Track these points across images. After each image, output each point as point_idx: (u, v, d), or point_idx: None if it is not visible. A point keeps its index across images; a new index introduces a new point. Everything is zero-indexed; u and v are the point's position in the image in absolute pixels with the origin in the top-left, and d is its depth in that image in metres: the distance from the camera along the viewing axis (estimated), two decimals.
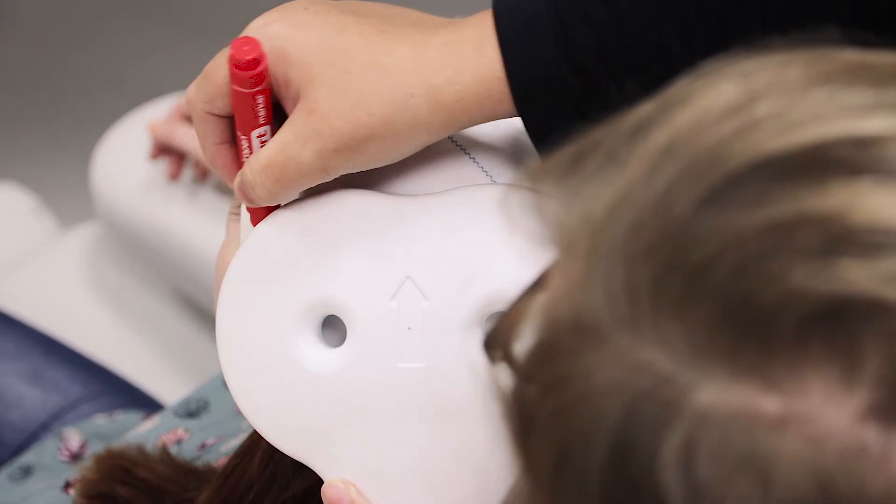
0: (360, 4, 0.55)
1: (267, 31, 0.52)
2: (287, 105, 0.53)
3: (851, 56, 0.36)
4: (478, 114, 0.52)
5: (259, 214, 0.57)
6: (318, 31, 0.52)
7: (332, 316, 0.56)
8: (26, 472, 0.89)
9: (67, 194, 1.61)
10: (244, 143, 0.54)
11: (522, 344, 0.38)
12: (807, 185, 0.33)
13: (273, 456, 0.61)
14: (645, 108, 0.37)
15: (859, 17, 0.49)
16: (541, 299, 0.38)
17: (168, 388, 1.07)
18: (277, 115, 0.54)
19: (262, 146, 0.53)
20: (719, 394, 0.32)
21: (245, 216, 0.59)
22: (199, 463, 0.73)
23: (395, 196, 0.56)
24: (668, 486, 0.33)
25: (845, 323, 0.31)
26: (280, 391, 0.56)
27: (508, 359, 0.39)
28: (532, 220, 0.38)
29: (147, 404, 1.01)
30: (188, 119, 1.03)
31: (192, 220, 1.05)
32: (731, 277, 0.32)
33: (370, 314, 0.54)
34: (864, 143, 0.33)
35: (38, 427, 0.96)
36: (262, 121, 0.53)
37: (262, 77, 0.51)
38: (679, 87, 0.37)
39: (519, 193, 0.38)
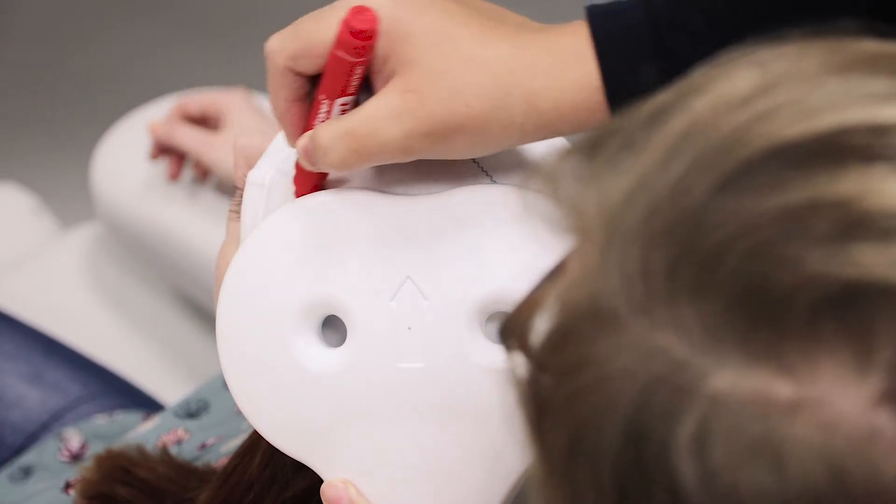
0: None
1: (374, 3, 0.52)
2: (377, 80, 0.53)
3: (870, 46, 0.36)
4: (572, 122, 0.52)
5: (307, 184, 0.56)
6: (427, 14, 0.52)
7: (333, 316, 0.56)
8: (26, 472, 0.89)
9: (67, 194, 1.61)
10: (324, 108, 0.53)
11: (538, 331, 0.38)
12: (823, 172, 0.33)
13: (273, 456, 0.61)
14: (662, 97, 0.37)
15: (880, 8, 0.49)
16: (557, 286, 0.38)
17: (168, 388, 1.07)
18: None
19: (342, 114, 0.53)
20: (733, 379, 0.32)
21: (245, 216, 0.59)
22: (199, 463, 0.73)
23: (395, 196, 0.56)
24: (680, 472, 0.33)
25: (859, 308, 0.31)
26: (280, 391, 0.56)
27: (524, 346, 0.39)
28: (549, 206, 0.38)
29: (147, 404, 1.01)
30: (188, 119, 1.03)
31: (192, 220, 1.05)
32: (746, 262, 0.33)
33: (370, 314, 0.54)
34: (881, 131, 0.33)
35: (38, 427, 0.96)
36: (351, 90, 0.52)
37: (369, 49, 0.51)
38: (696, 75, 0.37)
39: (537, 181, 0.38)
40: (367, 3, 0.51)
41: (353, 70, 0.51)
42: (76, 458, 0.90)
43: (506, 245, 0.54)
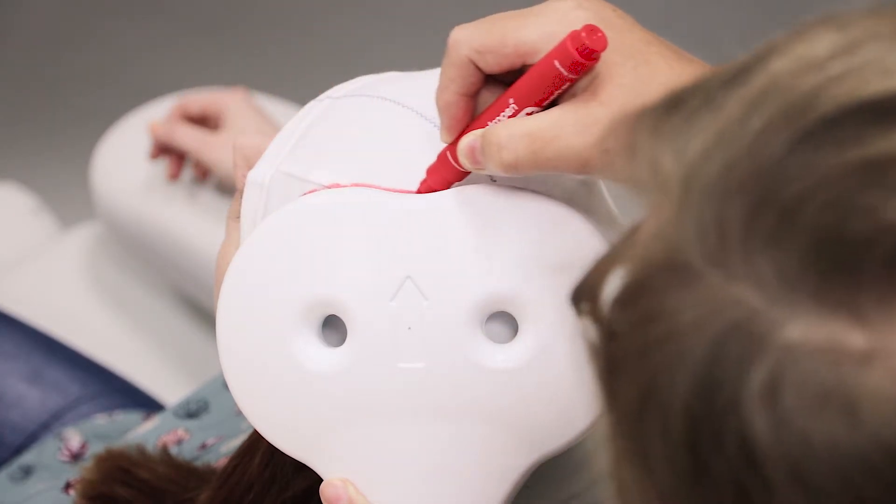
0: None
1: (575, 16, 0.52)
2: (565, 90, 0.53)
3: None
4: None
5: (443, 180, 0.55)
6: (628, 36, 0.52)
7: (333, 316, 0.56)
8: (26, 472, 0.89)
9: (67, 194, 1.61)
10: (508, 111, 0.52)
11: (610, 292, 0.39)
12: None
13: (273, 456, 0.61)
14: (743, 58, 0.38)
15: None
16: (630, 245, 0.39)
17: (168, 388, 1.07)
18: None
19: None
20: (806, 329, 0.33)
21: (245, 216, 0.59)
22: (199, 463, 0.73)
23: (395, 195, 0.56)
24: (752, 421, 0.33)
25: None
26: (280, 391, 0.56)
27: (595, 307, 0.39)
28: (627, 163, 0.38)
29: (147, 404, 1.01)
30: (188, 119, 1.03)
31: (192, 220, 1.05)
32: (823, 212, 0.33)
33: (370, 314, 0.54)
34: None
35: (38, 427, 0.96)
36: (545, 102, 0.52)
37: (588, 70, 0.51)
38: (777, 38, 0.38)
39: (615, 138, 0.39)
40: (565, 14, 0.51)
41: (562, 84, 0.51)
42: (76, 457, 0.90)
43: (506, 244, 0.54)
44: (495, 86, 0.54)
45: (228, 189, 1.03)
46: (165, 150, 1.04)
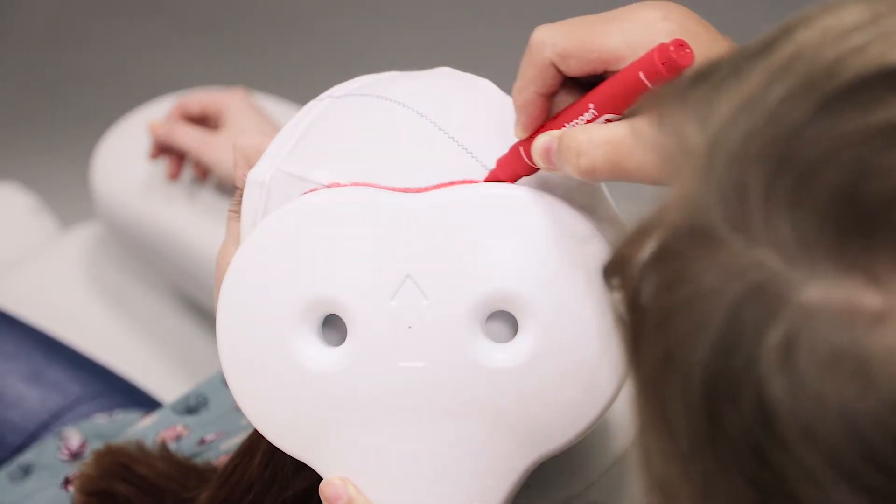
0: None
1: (661, 27, 0.52)
2: None
3: None
4: None
5: (515, 173, 0.55)
6: (714, 48, 0.52)
7: (333, 315, 0.56)
8: (26, 471, 0.89)
9: (67, 194, 1.61)
10: (587, 116, 0.52)
11: (638, 263, 0.39)
12: None
13: (273, 456, 0.61)
14: (770, 31, 0.39)
15: None
16: (658, 218, 0.39)
17: (168, 387, 1.07)
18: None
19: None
20: (822, 290, 0.33)
21: (245, 216, 0.59)
22: (198, 460, 0.73)
23: (395, 194, 0.56)
24: (767, 380, 0.34)
25: None
26: (280, 390, 0.56)
27: (625, 277, 0.40)
28: (654, 132, 0.39)
29: (147, 404, 1.01)
30: (188, 119, 1.03)
31: (192, 220, 1.05)
32: (841, 173, 0.34)
33: (370, 313, 0.54)
34: None
35: (38, 427, 0.96)
36: (625, 111, 0.52)
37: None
38: (806, 10, 0.38)
39: (645, 104, 0.40)
40: (653, 24, 0.51)
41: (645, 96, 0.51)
42: (76, 457, 0.90)
43: (506, 243, 0.54)
44: (572, 87, 0.54)
45: (228, 189, 1.03)
46: (165, 150, 1.04)
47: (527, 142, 0.54)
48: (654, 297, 0.37)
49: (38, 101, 2.00)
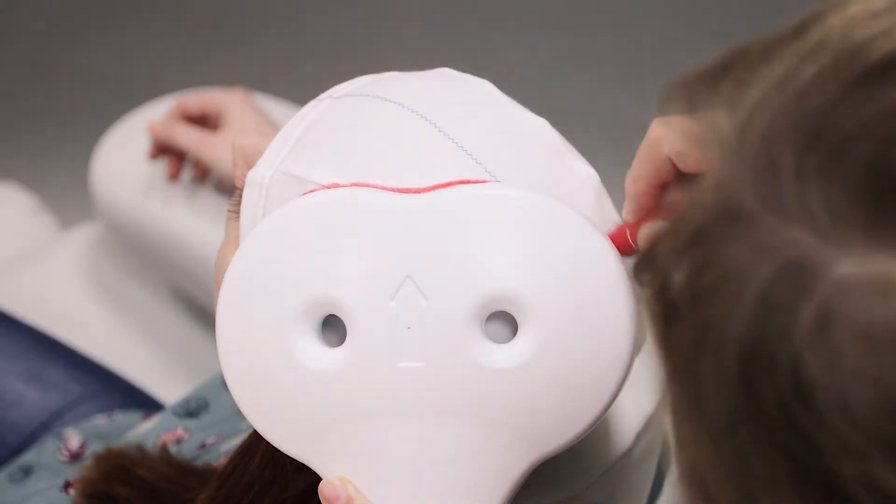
0: None
1: None
2: None
3: None
4: None
5: (617, 248, 0.56)
6: None
7: (333, 315, 0.56)
8: (26, 472, 0.89)
9: (67, 194, 1.61)
10: None
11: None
12: None
13: (273, 456, 0.61)
14: (801, 17, 0.39)
15: None
16: (688, 213, 0.40)
17: (168, 388, 1.07)
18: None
19: None
20: (856, 264, 0.33)
21: (245, 216, 0.59)
22: (198, 463, 0.73)
23: (394, 194, 0.56)
24: (803, 355, 0.34)
25: None
26: (280, 391, 0.56)
27: (656, 269, 0.40)
28: (686, 119, 0.40)
29: (146, 404, 1.01)
30: (188, 119, 1.03)
31: (192, 220, 1.05)
32: (873, 148, 0.34)
33: (370, 313, 0.54)
34: None
35: (37, 427, 0.96)
36: None
37: None
38: None
39: (674, 95, 0.41)
40: None
41: None
42: (76, 457, 0.90)
43: (506, 244, 0.54)
44: (684, 177, 0.54)
45: (228, 189, 1.03)
46: (165, 150, 1.04)
47: (634, 226, 0.55)
48: (687, 281, 0.38)
49: (39, 101, 2.00)
